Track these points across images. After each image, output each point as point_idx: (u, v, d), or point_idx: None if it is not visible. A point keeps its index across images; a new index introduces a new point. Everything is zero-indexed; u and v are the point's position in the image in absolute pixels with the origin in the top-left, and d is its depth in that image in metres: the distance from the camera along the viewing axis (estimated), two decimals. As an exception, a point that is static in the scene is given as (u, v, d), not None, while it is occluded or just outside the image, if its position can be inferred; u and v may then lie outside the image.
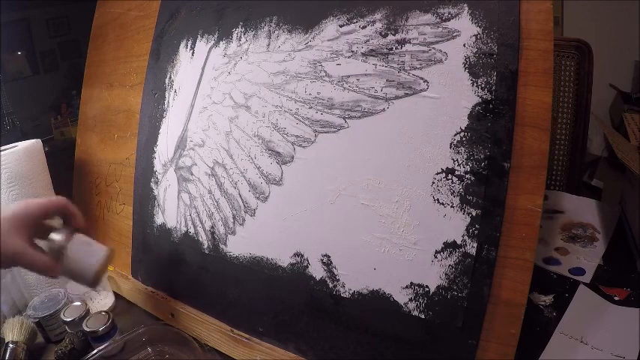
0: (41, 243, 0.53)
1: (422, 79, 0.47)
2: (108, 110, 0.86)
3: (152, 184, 0.73)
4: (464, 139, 0.44)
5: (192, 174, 0.67)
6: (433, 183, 0.46)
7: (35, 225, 0.52)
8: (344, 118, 0.52)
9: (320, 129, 0.53)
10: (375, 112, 0.50)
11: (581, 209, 0.82)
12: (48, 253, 0.52)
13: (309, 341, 0.54)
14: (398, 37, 0.49)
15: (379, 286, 0.48)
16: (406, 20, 0.48)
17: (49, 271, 0.52)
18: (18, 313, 0.72)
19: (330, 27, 0.54)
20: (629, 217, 0.74)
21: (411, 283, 0.46)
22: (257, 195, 0.59)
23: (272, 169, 0.57)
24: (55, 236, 0.53)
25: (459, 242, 0.44)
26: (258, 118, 0.59)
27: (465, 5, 0.45)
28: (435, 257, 0.45)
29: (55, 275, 0.53)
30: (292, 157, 0.56)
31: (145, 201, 0.74)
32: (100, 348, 0.59)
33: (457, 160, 0.45)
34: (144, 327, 0.63)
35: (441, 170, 0.45)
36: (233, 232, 0.61)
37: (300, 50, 0.56)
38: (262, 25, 0.60)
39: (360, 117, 0.51)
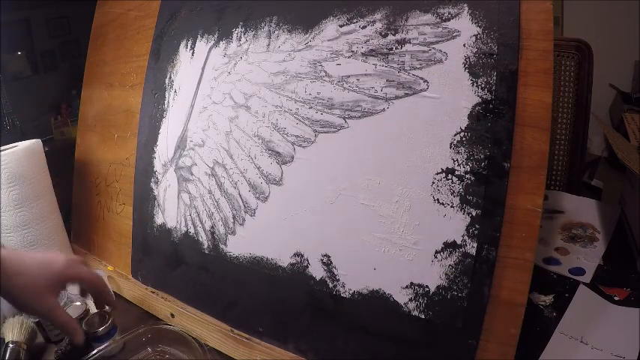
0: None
1: (422, 79, 0.47)
2: (108, 110, 0.86)
3: (152, 184, 0.73)
4: (464, 139, 0.44)
5: (192, 174, 0.67)
6: (433, 183, 0.46)
7: (65, 285, 0.54)
8: (344, 118, 0.52)
9: (320, 129, 0.53)
10: (375, 112, 0.50)
11: (581, 209, 0.82)
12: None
13: (309, 341, 0.54)
14: (398, 37, 0.49)
15: (379, 286, 0.48)
16: (406, 20, 0.48)
17: (76, 337, 0.52)
18: (18, 313, 0.72)
19: (330, 27, 0.54)
20: (629, 217, 0.74)
21: (411, 283, 0.46)
22: (257, 195, 0.58)
23: (272, 169, 0.57)
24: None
25: (459, 242, 0.44)
26: (258, 118, 0.59)
27: (465, 5, 0.45)
28: (435, 257, 0.45)
29: (80, 341, 0.53)
30: (292, 157, 0.56)
31: (144, 201, 0.74)
32: (100, 348, 0.59)
33: (457, 160, 0.45)
34: (144, 327, 0.63)
35: (441, 170, 0.45)
36: (233, 232, 0.61)
37: (300, 50, 0.56)
38: (262, 25, 0.60)
39: (360, 117, 0.51)
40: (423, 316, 0.46)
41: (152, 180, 0.73)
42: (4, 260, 0.49)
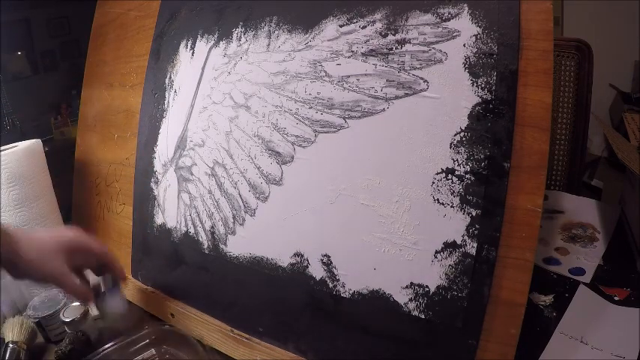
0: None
1: (422, 79, 0.47)
2: (108, 110, 0.86)
3: (152, 184, 0.73)
4: (464, 139, 0.44)
5: (192, 174, 0.67)
6: (433, 183, 0.46)
7: (75, 254, 0.55)
8: (344, 118, 0.52)
9: (320, 129, 0.53)
10: (375, 112, 0.50)
11: (581, 209, 0.82)
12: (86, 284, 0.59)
13: (309, 341, 0.54)
14: (398, 37, 0.49)
15: (379, 286, 0.48)
16: (406, 20, 0.48)
17: (88, 299, 0.56)
18: (18, 313, 0.72)
19: (330, 27, 0.54)
20: (629, 217, 0.74)
21: (411, 283, 0.46)
22: (257, 195, 0.59)
23: (272, 169, 0.57)
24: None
25: (459, 242, 0.44)
26: (258, 118, 0.59)
27: (465, 5, 0.45)
28: (435, 257, 0.45)
29: (88, 301, 0.57)
30: (292, 157, 0.56)
31: (145, 201, 0.74)
32: (104, 347, 0.59)
33: (457, 160, 0.45)
34: (147, 328, 0.63)
35: (441, 170, 0.45)
36: (233, 232, 0.61)
37: (300, 50, 0.56)
38: (262, 25, 0.60)
39: (360, 117, 0.51)
40: (423, 316, 0.46)
41: (152, 180, 0.73)
42: (17, 239, 0.51)
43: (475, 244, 0.43)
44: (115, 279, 0.62)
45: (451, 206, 0.45)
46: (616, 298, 0.59)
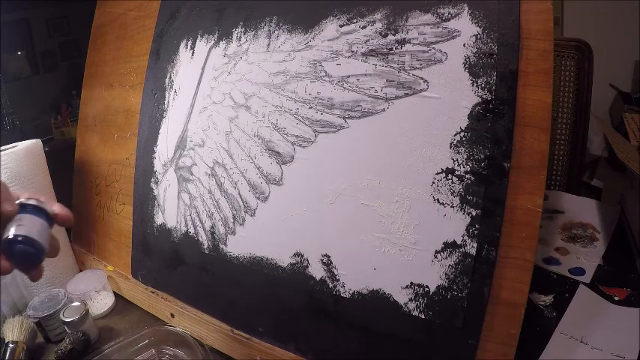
0: None
1: (422, 79, 0.47)
2: (108, 110, 0.86)
3: (152, 184, 0.73)
4: (464, 139, 0.44)
5: (192, 174, 0.67)
6: (433, 183, 0.46)
7: None
8: (344, 118, 0.52)
9: (320, 129, 0.53)
10: (375, 112, 0.50)
11: (581, 209, 0.82)
12: None
13: (309, 341, 0.54)
14: (398, 37, 0.49)
15: (379, 286, 0.48)
16: (406, 20, 0.48)
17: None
18: (18, 313, 0.72)
19: (330, 27, 0.54)
20: (629, 217, 0.74)
21: (411, 283, 0.46)
22: (257, 195, 0.59)
23: (272, 169, 0.57)
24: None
25: (459, 242, 0.44)
26: (258, 118, 0.59)
27: (465, 5, 0.45)
28: (435, 257, 0.45)
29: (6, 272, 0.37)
30: (292, 157, 0.56)
31: (145, 201, 0.74)
32: (104, 347, 0.59)
33: (457, 160, 0.45)
34: (147, 328, 0.63)
35: (441, 170, 0.45)
36: (233, 232, 0.61)
37: (300, 50, 0.56)
38: (262, 25, 0.60)
39: (360, 117, 0.51)
40: (423, 316, 0.46)
41: (152, 180, 0.73)
42: None
43: (475, 244, 0.43)
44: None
45: (451, 206, 0.45)
46: (616, 298, 0.59)
